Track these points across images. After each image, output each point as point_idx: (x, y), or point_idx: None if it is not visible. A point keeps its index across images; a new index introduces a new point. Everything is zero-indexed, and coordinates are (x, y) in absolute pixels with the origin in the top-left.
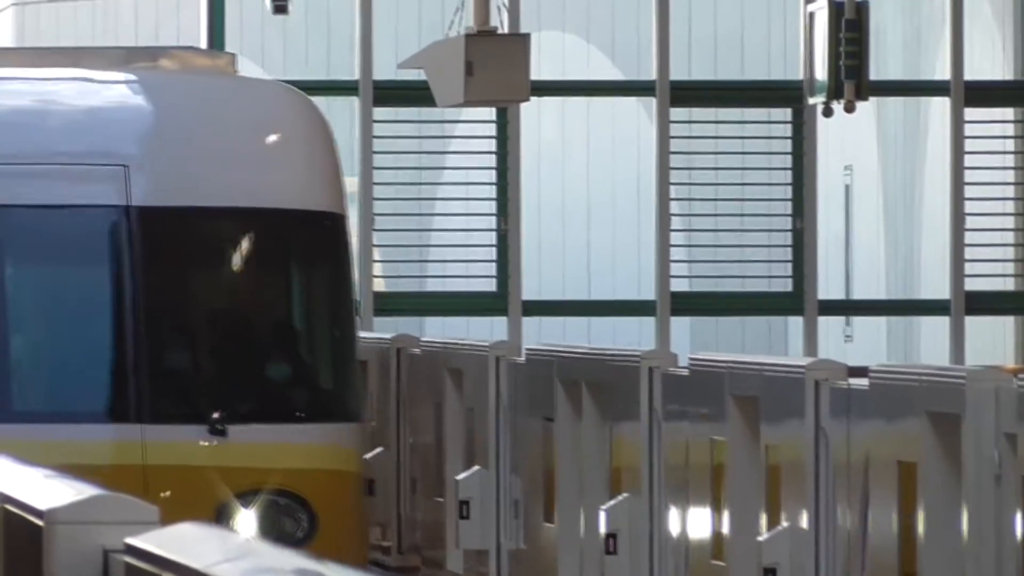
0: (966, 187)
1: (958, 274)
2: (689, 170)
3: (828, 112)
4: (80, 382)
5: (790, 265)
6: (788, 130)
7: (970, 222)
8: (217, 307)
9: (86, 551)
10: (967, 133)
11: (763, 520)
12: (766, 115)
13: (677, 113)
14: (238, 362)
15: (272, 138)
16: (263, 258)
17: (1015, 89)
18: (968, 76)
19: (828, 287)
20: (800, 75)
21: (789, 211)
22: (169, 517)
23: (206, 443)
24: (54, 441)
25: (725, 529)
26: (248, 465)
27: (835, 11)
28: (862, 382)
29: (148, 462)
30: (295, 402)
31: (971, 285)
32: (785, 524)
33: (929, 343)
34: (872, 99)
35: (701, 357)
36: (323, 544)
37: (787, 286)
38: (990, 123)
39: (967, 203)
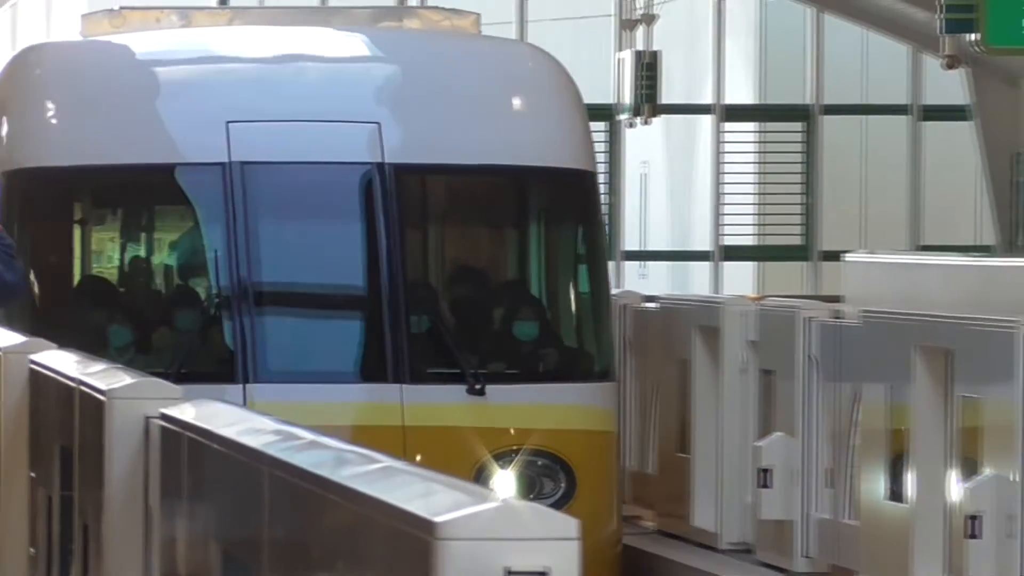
0: (723, 175)
1: (717, 233)
2: None
3: (632, 124)
4: (338, 342)
5: (608, 226)
6: (605, 136)
7: (726, 199)
8: (472, 266)
9: (132, 419)
10: (725, 139)
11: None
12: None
13: None
14: (495, 321)
15: (523, 96)
16: (516, 216)
17: (756, 110)
18: (726, 101)
19: (630, 242)
20: (612, 99)
21: (606, 191)
22: None
23: (465, 403)
24: (313, 402)
25: None
26: (506, 425)
27: (637, 57)
28: (653, 305)
29: (407, 423)
30: (552, 361)
31: (726, 241)
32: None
33: (699, 280)
34: (662, 116)
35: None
36: (581, 505)
37: None
38: (740, 132)
39: (724, 186)
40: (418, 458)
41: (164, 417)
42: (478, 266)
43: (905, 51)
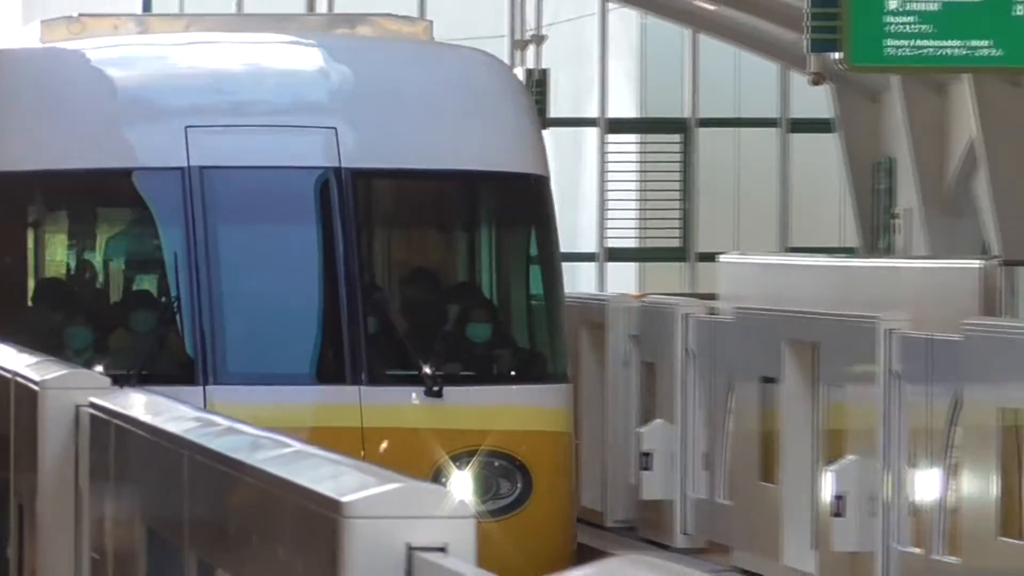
0: (607, 183)
1: (602, 237)
2: None
3: None
4: (297, 345)
5: None
6: None
7: (610, 205)
8: (428, 269)
9: (64, 407)
10: (609, 150)
11: None
12: None
13: None
14: (451, 324)
15: (476, 102)
16: (471, 220)
17: (637, 123)
18: (610, 114)
19: None
20: None
21: None
22: None
23: (422, 405)
24: (272, 403)
25: None
26: (464, 427)
27: (528, 74)
28: None
29: (365, 424)
30: (509, 363)
31: (610, 244)
32: None
33: (585, 279)
34: (552, 128)
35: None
36: (537, 505)
37: None
38: (623, 144)
39: (608, 193)
40: (376, 456)
41: (93, 406)
42: (434, 269)
43: (775, 69)
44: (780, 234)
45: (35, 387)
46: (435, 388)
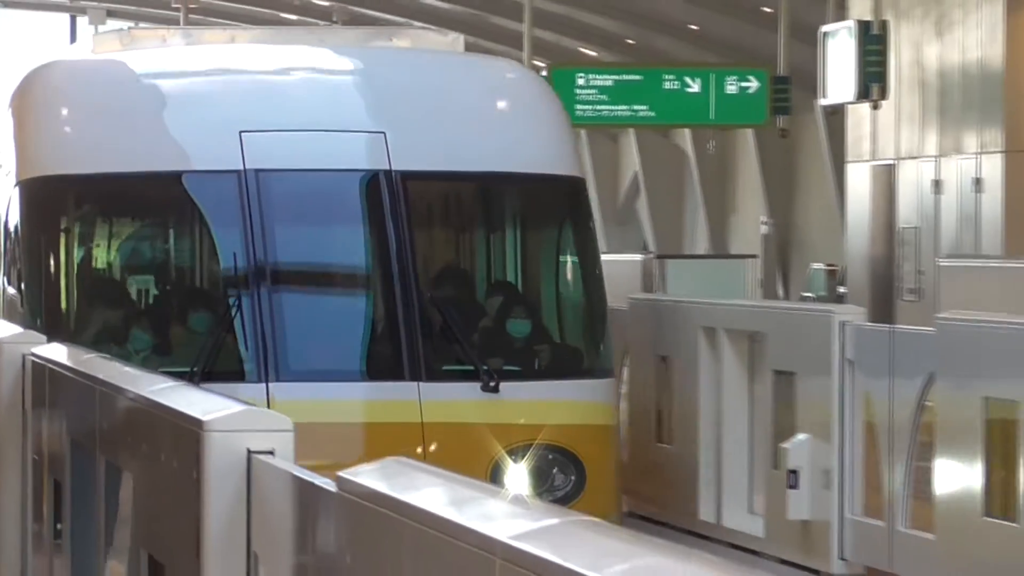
0: None
1: None
2: None
3: None
4: (355, 341)
5: None
6: None
7: None
8: (477, 267)
9: (14, 356)
10: None
11: None
12: None
13: None
14: (502, 321)
15: (516, 108)
16: (515, 220)
17: None
18: None
19: None
20: None
21: None
22: None
23: (479, 400)
24: (333, 400)
25: None
26: (519, 421)
27: None
28: None
29: (426, 420)
30: (559, 359)
31: None
32: None
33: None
34: None
35: None
36: (589, 498)
37: None
38: None
39: None
40: (432, 450)
41: (34, 355)
42: (482, 267)
43: None
44: None
45: None
46: (492, 384)
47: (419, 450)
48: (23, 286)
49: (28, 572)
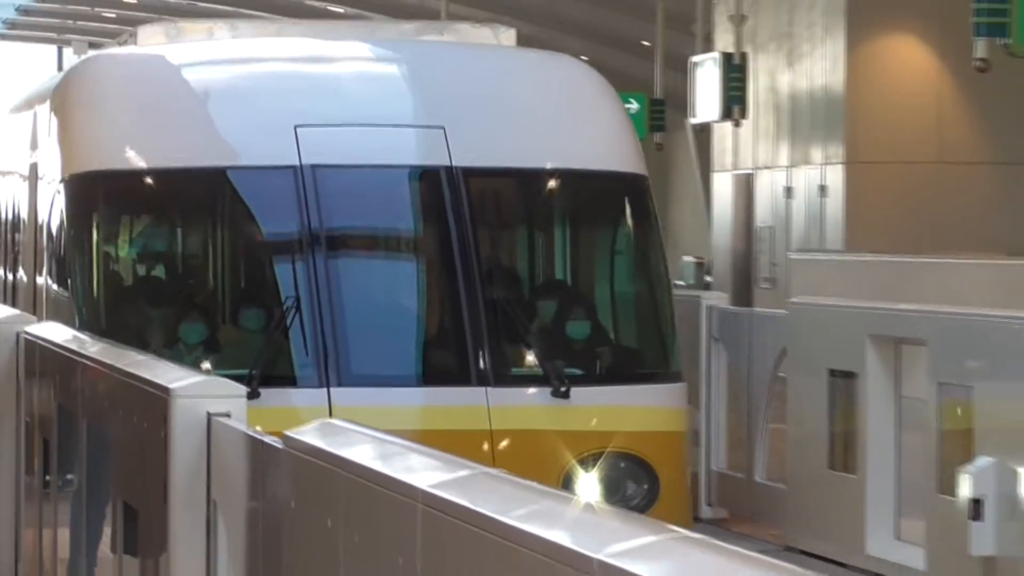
0: None
1: None
2: None
3: None
4: (419, 345)
5: None
6: None
7: None
8: (547, 268)
9: (9, 335)
10: None
11: None
12: None
13: None
14: (571, 323)
15: (575, 104)
16: (579, 218)
17: None
18: None
19: None
20: None
21: None
22: None
23: (549, 405)
24: (396, 406)
25: None
26: (590, 428)
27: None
28: None
29: (494, 426)
30: (629, 363)
31: None
32: None
33: None
34: None
35: None
36: (663, 505)
37: None
38: None
39: None
40: (505, 458)
41: (27, 334)
42: (548, 267)
43: None
44: None
45: None
46: (563, 389)
47: (487, 457)
48: (73, 285)
49: (21, 518)
